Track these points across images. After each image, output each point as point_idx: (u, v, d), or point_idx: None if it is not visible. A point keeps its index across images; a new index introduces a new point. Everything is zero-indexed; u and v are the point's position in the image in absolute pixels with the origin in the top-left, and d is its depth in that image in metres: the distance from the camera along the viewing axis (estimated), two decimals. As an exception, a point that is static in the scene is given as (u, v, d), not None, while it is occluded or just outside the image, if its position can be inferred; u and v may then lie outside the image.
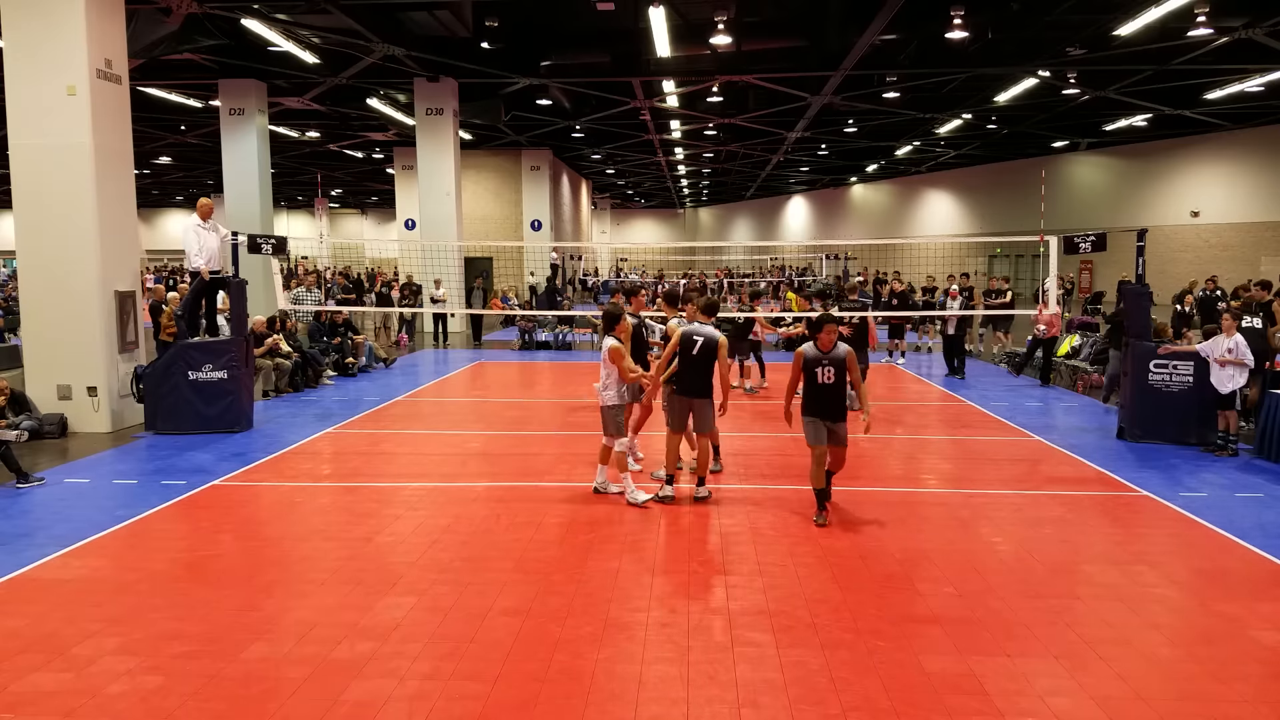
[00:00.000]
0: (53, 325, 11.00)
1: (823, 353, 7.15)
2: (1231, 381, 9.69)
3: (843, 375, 7.18)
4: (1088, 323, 16.78)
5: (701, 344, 7.69)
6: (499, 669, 4.76)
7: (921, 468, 9.35)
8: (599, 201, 58.56)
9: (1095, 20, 18.07)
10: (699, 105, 27.20)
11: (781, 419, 7.68)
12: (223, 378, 10.96)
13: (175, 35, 15.96)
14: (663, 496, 7.82)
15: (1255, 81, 22.06)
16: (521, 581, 6.01)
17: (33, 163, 10.92)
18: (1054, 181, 36.14)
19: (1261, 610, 5.55)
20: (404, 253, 27.07)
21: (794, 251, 52.90)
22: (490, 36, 20.06)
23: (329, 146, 33.88)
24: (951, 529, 7.21)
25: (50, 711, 4.34)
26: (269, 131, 22.75)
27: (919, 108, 26.76)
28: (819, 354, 7.17)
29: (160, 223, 61.31)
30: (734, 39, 18.59)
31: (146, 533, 7.15)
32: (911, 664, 4.82)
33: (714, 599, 5.72)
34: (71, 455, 9.89)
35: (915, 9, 16.44)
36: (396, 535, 7.03)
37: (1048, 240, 12.12)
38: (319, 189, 33.80)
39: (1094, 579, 6.08)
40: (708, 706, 4.38)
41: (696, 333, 7.74)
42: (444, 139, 23.13)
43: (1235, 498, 8.10)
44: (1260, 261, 29.42)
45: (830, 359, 7.14)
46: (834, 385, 7.16)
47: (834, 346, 7.16)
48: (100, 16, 11.02)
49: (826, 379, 7.16)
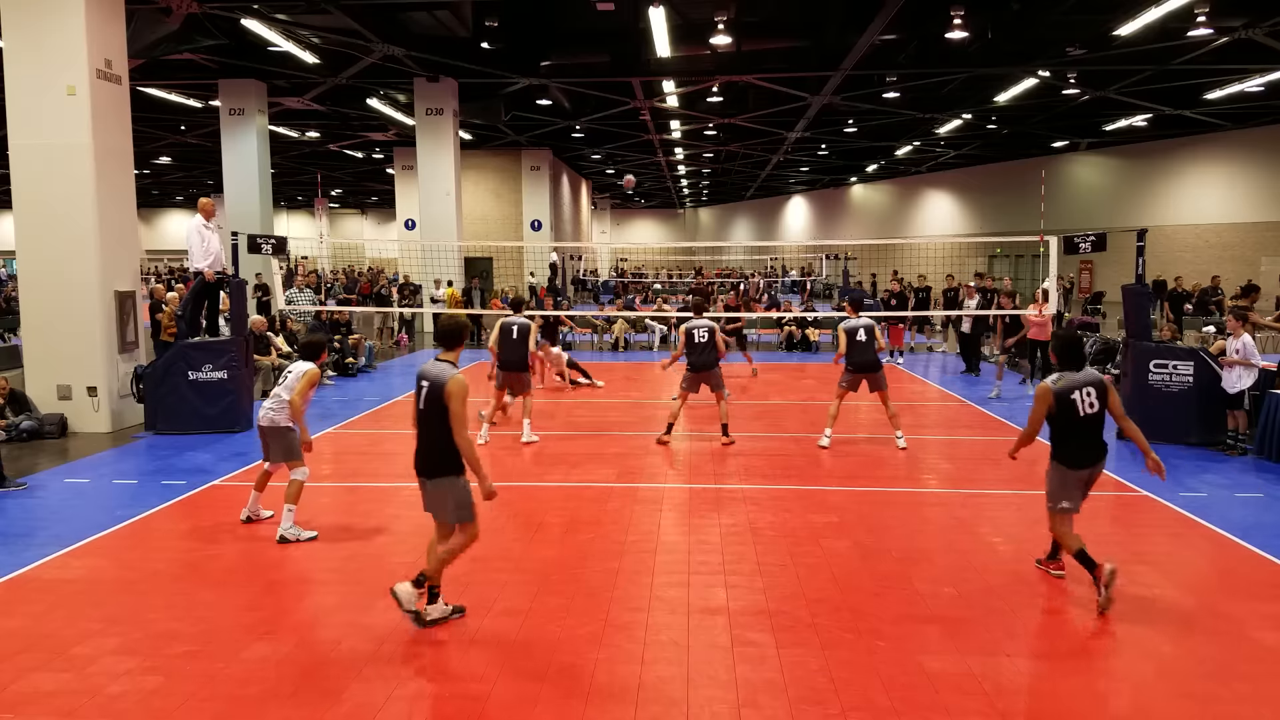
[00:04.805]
0: (53, 325, 11.00)
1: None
2: (1240, 381, 9.70)
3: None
4: (1088, 323, 16.78)
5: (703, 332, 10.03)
6: (499, 669, 4.76)
7: (921, 468, 9.35)
8: (599, 201, 58.55)
9: (1095, 20, 18.06)
10: (699, 105, 27.19)
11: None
12: (223, 378, 10.96)
13: (175, 35, 15.96)
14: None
15: (1255, 81, 22.05)
16: (521, 581, 6.01)
17: (33, 163, 10.92)
18: (1054, 181, 36.12)
19: (1261, 610, 5.55)
20: (404, 253, 27.06)
21: (794, 251, 52.90)
22: (490, 36, 20.06)
23: (329, 146, 33.87)
24: (951, 529, 7.21)
25: (50, 711, 4.34)
26: (269, 131, 22.75)
27: (919, 108, 26.75)
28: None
29: (160, 223, 61.27)
30: (734, 39, 18.58)
31: (146, 533, 7.15)
32: (911, 664, 4.82)
33: (714, 599, 5.72)
34: (71, 455, 9.89)
35: (915, 9, 16.44)
36: (396, 535, 7.03)
37: (1048, 240, 12.12)
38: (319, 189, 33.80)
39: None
40: (708, 706, 4.38)
41: (698, 328, 10.01)
42: (444, 139, 23.13)
43: (1235, 498, 8.10)
44: (1260, 262, 29.40)
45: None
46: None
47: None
48: (100, 16, 11.02)
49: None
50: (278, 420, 6.94)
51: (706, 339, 9.96)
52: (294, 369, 7.09)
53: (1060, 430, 5.73)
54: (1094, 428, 5.73)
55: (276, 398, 6.98)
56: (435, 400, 5.06)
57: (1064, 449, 5.75)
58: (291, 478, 6.89)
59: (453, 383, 5.01)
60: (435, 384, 5.08)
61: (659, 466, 9.33)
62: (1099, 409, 5.72)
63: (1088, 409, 5.67)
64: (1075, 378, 5.70)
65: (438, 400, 5.04)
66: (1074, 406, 5.65)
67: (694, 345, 9.93)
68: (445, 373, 5.08)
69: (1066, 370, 5.75)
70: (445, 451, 5.08)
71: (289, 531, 6.81)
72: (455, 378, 5.04)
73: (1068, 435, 5.72)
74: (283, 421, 6.94)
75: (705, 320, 10.15)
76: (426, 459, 5.19)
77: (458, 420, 5.03)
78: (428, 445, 5.17)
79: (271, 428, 6.96)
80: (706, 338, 9.96)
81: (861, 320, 9.93)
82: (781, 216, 59.48)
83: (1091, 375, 5.76)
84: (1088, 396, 5.67)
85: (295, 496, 6.85)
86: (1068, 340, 5.85)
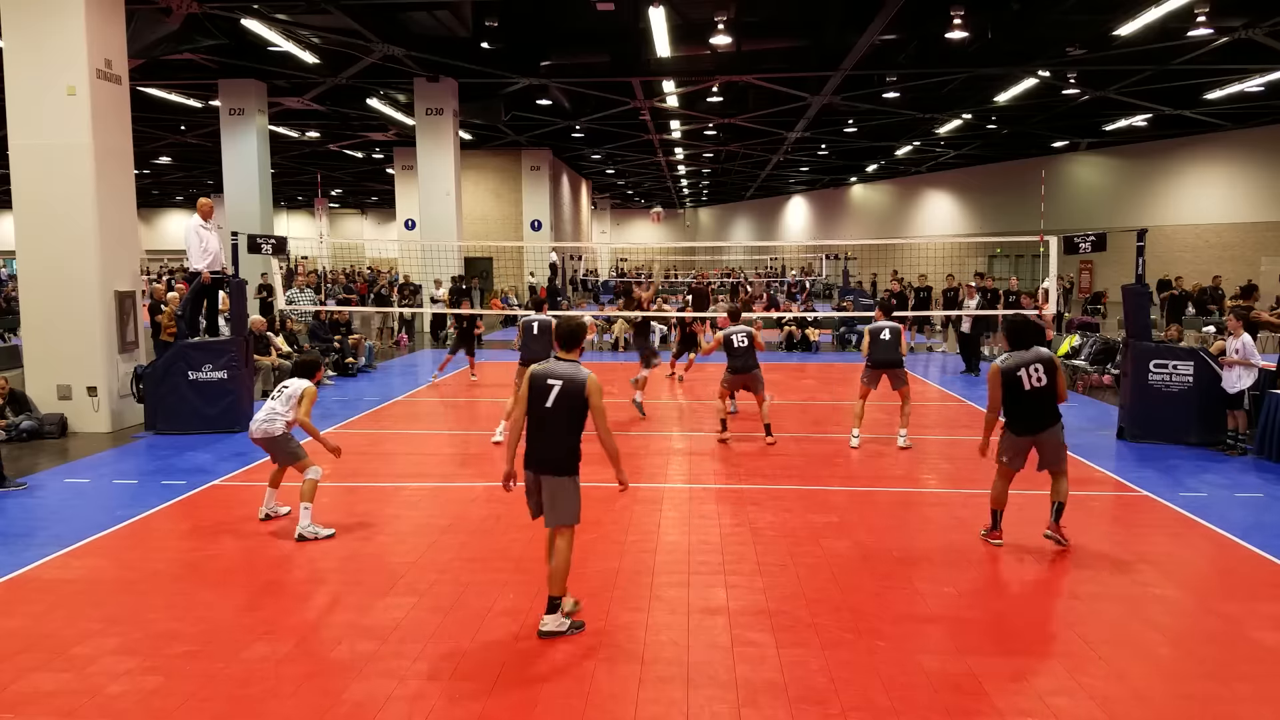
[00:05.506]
0: (53, 325, 11.00)
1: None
2: (1240, 381, 9.70)
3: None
4: (1088, 323, 16.78)
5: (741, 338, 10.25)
6: (499, 669, 4.76)
7: (921, 468, 9.35)
8: (599, 201, 58.55)
9: (1095, 20, 18.07)
10: (699, 105, 27.20)
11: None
12: (223, 378, 10.96)
13: (175, 35, 15.97)
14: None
15: (1255, 81, 22.06)
16: (521, 581, 6.01)
17: (33, 163, 10.92)
18: (1054, 181, 36.11)
19: (1261, 610, 5.55)
20: (404, 253, 27.07)
21: (794, 251, 52.89)
22: (490, 36, 20.06)
23: (329, 146, 33.88)
24: (951, 529, 7.21)
25: (50, 711, 4.34)
26: (269, 131, 22.75)
27: (919, 108, 26.75)
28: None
29: (160, 223, 61.27)
30: (734, 39, 18.59)
31: (146, 533, 7.15)
32: (911, 664, 4.82)
33: (714, 599, 5.71)
34: (71, 455, 9.89)
35: (915, 9, 16.44)
36: (396, 535, 7.03)
37: (1048, 240, 12.13)
38: (319, 189, 33.75)
39: (1094, 579, 6.08)
40: (708, 706, 4.38)
41: (736, 333, 10.22)
42: (444, 139, 23.13)
43: (1235, 498, 8.10)
44: (1260, 262, 29.41)
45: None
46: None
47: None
48: (100, 16, 11.02)
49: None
50: (271, 431, 6.98)
51: (746, 344, 10.15)
52: (291, 385, 7.13)
53: (1010, 402, 6.52)
54: (1039, 399, 6.47)
55: (270, 411, 7.01)
56: (573, 398, 5.12)
57: (1012, 418, 6.57)
58: (305, 478, 6.93)
59: (592, 382, 5.15)
60: (573, 383, 5.13)
61: (659, 466, 9.33)
62: (1047, 383, 6.46)
63: (1034, 383, 6.44)
64: (1024, 356, 6.50)
65: (575, 398, 5.12)
66: (1020, 381, 6.45)
67: (734, 350, 10.16)
68: (581, 372, 5.18)
69: (1016, 350, 6.55)
70: (572, 451, 5.18)
71: (307, 530, 6.85)
72: (593, 377, 5.17)
73: (1016, 406, 6.51)
74: (276, 431, 6.98)
75: (742, 326, 10.38)
76: (550, 456, 5.18)
77: (603, 414, 5.19)
78: (553, 443, 5.17)
79: (266, 439, 7.02)
80: (745, 342, 10.15)
81: (887, 323, 10.32)
82: (781, 216, 59.48)
83: (1040, 353, 6.54)
84: (1035, 372, 6.44)
85: (310, 495, 6.91)
86: (1015, 325, 6.71)
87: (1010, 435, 6.59)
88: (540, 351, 10.58)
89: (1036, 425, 6.48)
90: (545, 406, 5.14)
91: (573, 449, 5.16)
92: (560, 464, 5.16)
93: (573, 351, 5.32)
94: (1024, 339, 6.58)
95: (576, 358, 5.31)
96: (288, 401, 7.03)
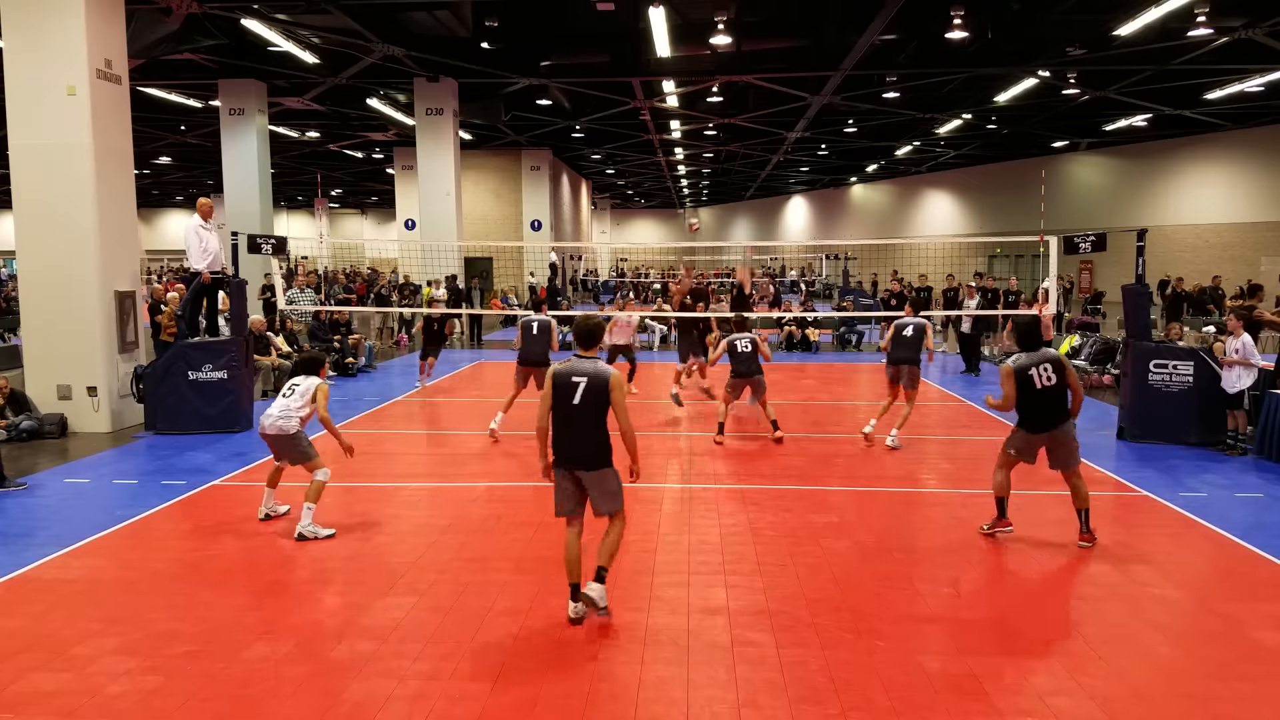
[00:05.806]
0: (53, 325, 11.00)
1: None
2: (1240, 381, 9.69)
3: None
4: (1088, 323, 16.78)
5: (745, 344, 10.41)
6: (499, 669, 4.76)
7: (921, 468, 9.35)
8: (599, 201, 58.55)
9: (1095, 20, 18.07)
10: (699, 105, 27.19)
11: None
12: (223, 378, 10.96)
13: (175, 35, 15.97)
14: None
15: (1255, 81, 22.05)
16: (521, 581, 6.01)
17: (33, 163, 10.92)
18: (1054, 181, 36.11)
19: (1261, 610, 5.55)
20: (404, 253, 27.06)
21: (794, 251, 52.89)
22: (490, 36, 20.06)
23: (329, 146, 33.88)
24: (951, 529, 7.21)
25: (50, 711, 4.34)
26: (269, 131, 22.75)
27: (919, 108, 26.75)
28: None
29: (160, 223, 61.26)
30: (734, 39, 18.59)
31: (146, 533, 7.15)
32: (911, 664, 4.82)
33: (714, 599, 5.71)
34: (71, 455, 9.89)
35: (915, 9, 16.44)
36: (396, 535, 7.03)
37: (1048, 240, 12.12)
38: (319, 189, 33.75)
39: (1094, 579, 6.08)
40: (708, 706, 4.38)
41: (740, 339, 10.39)
42: (444, 139, 23.13)
43: (1235, 498, 8.10)
44: (1260, 262, 29.40)
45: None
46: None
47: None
48: (100, 16, 11.02)
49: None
50: (286, 429, 6.96)
51: (749, 350, 10.33)
52: (301, 383, 7.12)
53: (1022, 401, 6.65)
54: (1050, 398, 6.61)
55: (284, 409, 7.00)
56: (598, 394, 5.29)
57: (1025, 416, 6.70)
58: (314, 478, 6.95)
59: (615, 378, 5.34)
60: (597, 379, 5.30)
61: (659, 466, 9.33)
62: (1056, 382, 6.60)
63: (1045, 382, 6.59)
64: (1033, 356, 6.66)
65: (600, 393, 5.29)
66: (1031, 380, 6.59)
67: (737, 355, 10.36)
68: (604, 369, 5.36)
69: (1026, 351, 6.71)
70: (604, 444, 5.37)
71: (308, 529, 6.85)
72: (615, 373, 5.38)
73: (1028, 404, 6.64)
74: (291, 428, 6.97)
75: (747, 333, 10.58)
76: (584, 451, 5.35)
77: (625, 409, 5.37)
78: (582, 438, 5.34)
79: (280, 435, 6.99)
80: (749, 348, 10.33)
81: (913, 319, 10.44)
82: (781, 216, 59.48)
83: (1048, 354, 6.71)
84: (1045, 371, 6.59)
85: (316, 496, 6.92)
86: (1024, 326, 6.87)
87: (1023, 433, 6.73)
88: (539, 351, 10.59)
89: (1048, 423, 6.63)
90: (572, 403, 5.31)
91: (602, 442, 5.35)
92: (593, 458, 5.35)
93: (591, 349, 5.51)
94: (1034, 340, 6.76)
95: (595, 355, 5.50)
96: (302, 398, 7.04)
